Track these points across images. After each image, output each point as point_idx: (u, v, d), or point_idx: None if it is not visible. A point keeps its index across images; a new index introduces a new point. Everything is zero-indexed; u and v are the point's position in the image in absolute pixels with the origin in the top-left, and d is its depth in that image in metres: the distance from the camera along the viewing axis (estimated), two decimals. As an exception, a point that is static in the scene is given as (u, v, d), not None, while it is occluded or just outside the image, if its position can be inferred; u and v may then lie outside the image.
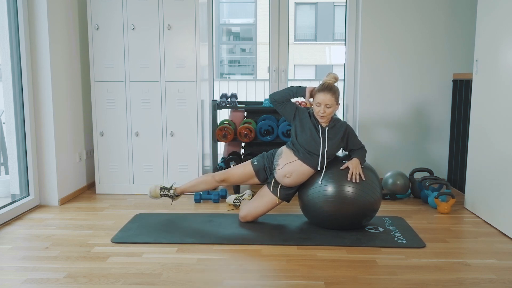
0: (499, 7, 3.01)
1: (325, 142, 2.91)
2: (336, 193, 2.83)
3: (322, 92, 2.86)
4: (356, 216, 2.88)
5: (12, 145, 3.38)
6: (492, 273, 2.33)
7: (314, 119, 2.96)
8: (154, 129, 3.83)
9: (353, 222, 2.91)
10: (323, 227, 2.98)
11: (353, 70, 4.47)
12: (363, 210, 2.87)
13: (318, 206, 2.88)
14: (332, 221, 2.90)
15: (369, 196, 2.85)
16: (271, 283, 2.21)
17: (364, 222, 2.97)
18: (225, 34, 20.27)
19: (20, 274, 2.31)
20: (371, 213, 2.94)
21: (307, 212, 3.02)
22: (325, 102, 2.85)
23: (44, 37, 3.37)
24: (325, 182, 2.87)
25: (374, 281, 2.23)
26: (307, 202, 2.95)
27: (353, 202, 2.82)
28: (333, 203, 2.84)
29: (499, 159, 2.99)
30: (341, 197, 2.82)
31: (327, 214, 2.87)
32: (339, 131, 2.96)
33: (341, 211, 2.85)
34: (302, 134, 2.94)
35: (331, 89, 2.87)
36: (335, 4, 17.68)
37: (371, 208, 2.90)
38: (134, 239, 2.78)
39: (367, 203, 2.85)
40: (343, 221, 2.89)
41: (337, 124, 2.98)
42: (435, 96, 4.29)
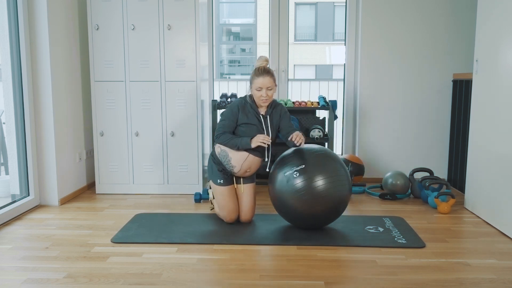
0: (499, 7, 3.01)
1: (269, 132, 2.97)
2: (306, 188, 2.71)
3: (261, 76, 2.88)
4: (329, 212, 2.80)
5: (12, 145, 3.38)
6: (492, 273, 2.33)
7: (254, 107, 2.96)
8: (154, 129, 3.83)
9: (327, 218, 2.85)
10: (298, 225, 2.93)
11: (353, 70, 4.47)
12: (335, 205, 2.78)
13: (289, 204, 2.79)
14: (304, 219, 2.83)
15: (339, 190, 2.76)
16: (271, 283, 2.21)
17: (335, 217, 2.89)
18: (225, 34, 20.27)
19: (20, 274, 2.31)
20: (343, 207, 2.87)
21: (280, 210, 2.94)
22: (266, 85, 2.87)
23: (44, 37, 3.37)
24: (294, 177, 2.75)
25: (374, 281, 2.23)
26: (278, 200, 2.87)
27: (324, 197, 2.72)
28: (304, 200, 2.73)
29: (499, 159, 2.99)
30: (312, 193, 2.71)
31: (299, 212, 2.79)
32: (277, 115, 3.03)
33: (312, 208, 2.75)
34: (248, 130, 2.94)
35: (269, 72, 2.90)
36: (335, 4, 17.68)
37: (343, 202, 2.82)
38: (134, 239, 2.78)
39: (338, 197, 2.76)
40: (315, 219, 2.82)
41: (275, 109, 3.03)
42: (435, 96, 4.29)
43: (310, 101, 4.23)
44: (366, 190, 3.94)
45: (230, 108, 2.97)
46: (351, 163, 4.10)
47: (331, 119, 4.08)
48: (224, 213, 3.05)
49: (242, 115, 2.95)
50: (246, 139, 2.88)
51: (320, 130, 4.09)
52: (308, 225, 2.90)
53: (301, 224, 2.91)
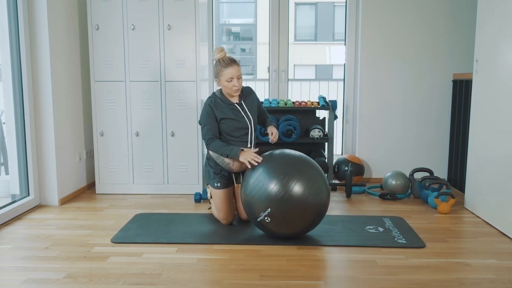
0: (499, 8, 3.01)
1: (249, 116, 2.98)
2: (282, 194, 2.54)
3: (229, 67, 2.87)
4: (310, 218, 2.64)
5: (12, 145, 3.38)
6: (492, 273, 2.33)
7: (225, 100, 2.96)
8: (154, 129, 3.83)
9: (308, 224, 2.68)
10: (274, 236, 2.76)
11: (353, 70, 4.47)
12: (316, 211, 2.63)
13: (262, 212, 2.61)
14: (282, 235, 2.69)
15: (318, 196, 2.61)
16: (271, 283, 2.21)
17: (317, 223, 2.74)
18: (225, 34, 20.27)
19: (20, 274, 2.31)
20: (324, 212, 2.72)
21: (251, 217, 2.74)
22: (236, 74, 2.88)
23: (44, 37, 3.36)
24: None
25: (374, 281, 2.23)
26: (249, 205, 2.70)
27: (302, 204, 2.55)
28: (280, 208, 2.55)
29: (499, 159, 2.99)
30: (289, 199, 2.54)
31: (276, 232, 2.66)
32: (251, 98, 3.06)
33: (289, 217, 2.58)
34: (228, 124, 2.93)
35: (235, 60, 2.92)
36: (335, 4, 17.68)
37: (323, 206, 2.67)
38: (134, 239, 2.78)
39: (316, 202, 2.61)
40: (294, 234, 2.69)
41: (247, 94, 3.05)
42: (435, 96, 4.29)
43: (310, 101, 4.23)
44: (366, 190, 3.94)
45: (204, 111, 2.95)
46: (351, 163, 4.10)
47: (331, 119, 4.08)
48: (221, 215, 3.05)
49: (217, 112, 2.94)
50: (235, 150, 2.82)
51: (320, 130, 4.09)
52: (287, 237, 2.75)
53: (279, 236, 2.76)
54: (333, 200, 3.71)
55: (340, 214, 3.32)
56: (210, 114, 2.93)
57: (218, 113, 2.93)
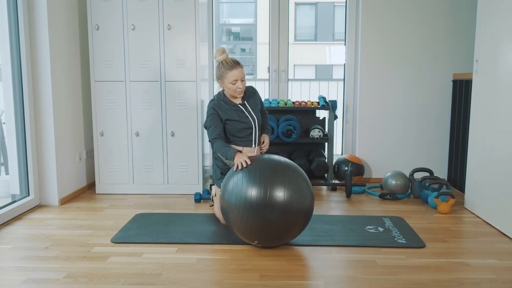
0: (499, 8, 3.01)
1: (253, 116, 2.97)
2: (262, 200, 2.43)
3: (234, 69, 2.86)
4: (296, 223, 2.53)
5: (12, 145, 3.38)
6: (492, 273, 2.33)
7: (228, 102, 2.96)
8: (154, 129, 3.83)
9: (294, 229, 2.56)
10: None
11: (353, 70, 4.47)
12: (301, 216, 2.52)
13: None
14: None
15: (302, 201, 2.50)
16: (271, 283, 2.21)
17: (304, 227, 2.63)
18: (225, 34, 20.26)
19: (20, 274, 2.31)
20: (309, 216, 2.60)
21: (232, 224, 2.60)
22: (241, 77, 2.88)
23: (44, 37, 3.37)
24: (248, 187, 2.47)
25: (374, 281, 2.23)
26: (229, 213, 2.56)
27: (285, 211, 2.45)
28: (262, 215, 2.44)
29: (499, 159, 2.99)
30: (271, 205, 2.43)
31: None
32: (255, 98, 3.05)
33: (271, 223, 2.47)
34: (233, 125, 2.94)
35: (239, 62, 2.90)
36: (335, 4, 17.68)
37: (307, 210, 2.55)
38: (134, 239, 2.78)
39: (302, 207, 2.50)
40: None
41: (250, 94, 3.03)
42: (435, 96, 4.29)
43: (310, 101, 4.23)
44: (366, 190, 3.94)
45: (208, 114, 2.96)
46: (351, 163, 4.11)
47: (331, 119, 4.08)
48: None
49: (221, 114, 2.94)
50: (231, 152, 2.76)
51: (320, 130, 4.09)
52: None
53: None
54: (333, 200, 3.71)
55: (340, 214, 3.32)
56: (215, 116, 2.93)
57: (223, 115, 2.94)
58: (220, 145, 2.88)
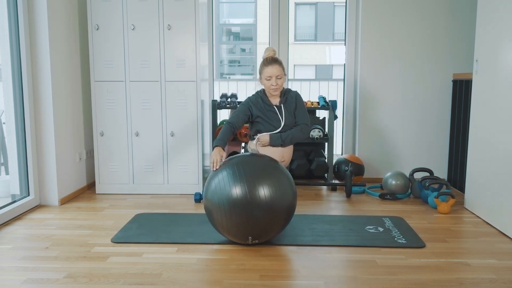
0: (499, 8, 3.01)
1: (284, 119, 2.97)
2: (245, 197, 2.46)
3: (270, 65, 2.90)
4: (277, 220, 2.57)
5: (12, 145, 3.38)
6: (492, 273, 2.33)
7: (266, 100, 2.96)
8: (154, 129, 3.83)
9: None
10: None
11: (353, 70, 4.47)
12: (283, 213, 2.56)
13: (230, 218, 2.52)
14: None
15: (283, 198, 2.54)
16: (271, 283, 2.21)
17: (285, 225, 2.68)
18: (225, 34, 20.27)
19: (20, 274, 2.31)
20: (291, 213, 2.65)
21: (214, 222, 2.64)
22: (275, 74, 2.89)
23: (44, 37, 3.37)
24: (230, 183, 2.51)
25: (374, 281, 2.23)
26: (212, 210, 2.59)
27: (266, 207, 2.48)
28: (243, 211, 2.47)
29: (499, 159, 2.99)
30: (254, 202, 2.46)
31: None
32: (292, 102, 3.01)
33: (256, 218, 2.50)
34: (262, 123, 2.96)
35: (277, 60, 2.92)
36: (335, 4, 17.69)
37: (289, 207, 2.60)
38: (134, 239, 2.78)
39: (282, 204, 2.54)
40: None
41: (288, 97, 3.01)
42: (435, 96, 4.29)
43: (310, 101, 4.23)
44: (366, 190, 3.94)
45: (244, 102, 3.02)
46: (351, 163, 4.11)
47: (331, 119, 4.08)
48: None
49: (255, 110, 2.97)
50: (215, 143, 2.81)
51: (320, 130, 4.09)
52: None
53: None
54: (333, 200, 3.71)
55: (340, 214, 3.33)
56: (245, 107, 2.98)
57: (255, 111, 2.97)
58: (222, 130, 2.93)
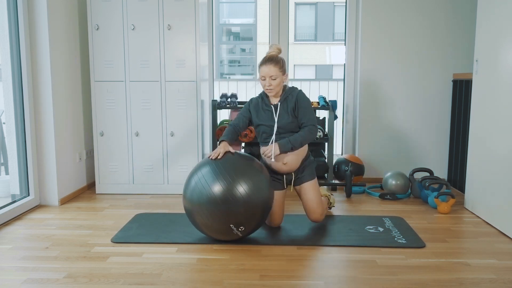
0: (499, 7, 3.01)
1: (276, 119, 2.84)
2: (224, 193, 2.53)
3: (264, 65, 2.79)
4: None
5: (12, 145, 3.38)
6: (492, 273, 2.33)
7: (266, 101, 2.90)
8: (154, 129, 3.83)
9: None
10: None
11: (353, 70, 4.47)
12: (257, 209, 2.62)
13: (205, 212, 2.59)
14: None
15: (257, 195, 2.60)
16: (271, 283, 2.21)
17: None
18: (225, 34, 20.28)
19: (20, 274, 2.31)
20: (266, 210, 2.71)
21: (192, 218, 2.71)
22: (269, 74, 2.77)
23: (44, 37, 3.37)
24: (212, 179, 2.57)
25: (374, 281, 2.23)
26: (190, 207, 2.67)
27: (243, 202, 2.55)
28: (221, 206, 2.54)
29: (499, 159, 2.99)
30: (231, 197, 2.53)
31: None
32: (291, 101, 2.84)
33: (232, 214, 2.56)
34: (262, 127, 2.90)
35: (273, 60, 2.78)
36: (335, 4, 17.70)
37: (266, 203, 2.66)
38: (134, 239, 2.78)
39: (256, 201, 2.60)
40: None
41: (289, 96, 2.86)
42: (435, 96, 4.29)
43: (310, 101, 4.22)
44: (366, 190, 3.94)
45: (246, 104, 2.99)
46: (351, 163, 4.10)
47: (331, 119, 4.08)
48: (270, 218, 2.98)
49: (253, 112, 2.93)
50: (221, 137, 2.85)
51: (320, 130, 4.08)
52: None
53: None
54: (333, 200, 3.71)
55: (340, 214, 3.32)
56: (245, 108, 2.96)
57: (254, 112, 2.93)
58: (225, 129, 2.94)
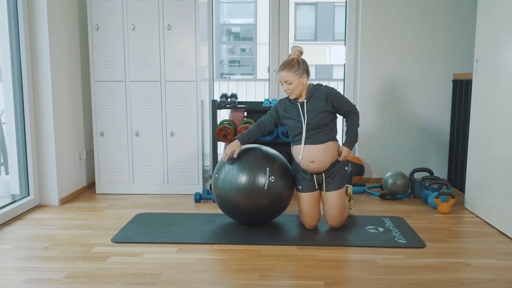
0: (499, 7, 3.01)
1: (305, 116, 2.87)
2: (248, 184, 2.81)
3: (279, 71, 2.88)
4: (269, 209, 2.91)
5: (12, 145, 3.38)
6: (492, 273, 2.33)
7: (294, 100, 2.95)
8: (154, 129, 3.83)
9: (266, 215, 2.96)
10: (239, 221, 3.04)
11: (353, 70, 4.47)
12: (276, 201, 2.89)
13: (231, 199, 2.87)
14: (245, 214, 2.92)
15: (280, 188, 2.87)
16: (271, 283, 2.21)
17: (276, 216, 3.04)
18: (225, 34, 20.28)
19: (20, 274, 2.31)
20: (283, 205, 2.97)
21: (222, 206, 3.00)
22: (284, 79, 2.85)
23: (44, 37, 3.37)
24: (236, 171, 2.85)
25: (374, 281, 2.23)
26: (220, 195, 2.93)
27: (265, 194, 2.82)
28: (245, 195, 2.82)
29: (499, 159, 2.99)
30: (253, 189, 2.81)
31: (240, 207, 2.87)
32: (320, 98, 2.86)
33: (254, 203, 2.84)
34: (288, 122, 2.95)
35: (286, 65, 2.84)
36: (335, 4, 17.69)
37: (282, 199, 2.92)
38: (134, 239, 2.78)
39: (278, 194, 2.87)
40: (256, 215, 2.92)
41: (316, 92, 2.89)
42: (435, 96, 4.29)
43: (310, 101, 4.23)
44: (366, 190, 3.94)
45: (275, 104, 3.07)
46: (351, 163, 4.10)
47: (331, 119, 4.07)
48: (304, 219, 2.97)
49: (281, 110, 2.99)
50: (237, 136, 2.99)
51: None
52: (252, 220, 2.98)
53: (245, 219, 2.99)
54: (333, 200, 3.71)
55: (340, 214, 3.32)
56: (273, 108, 3.05)
57: (281, 111, 2.98)
58: (250, 127, 3.04)
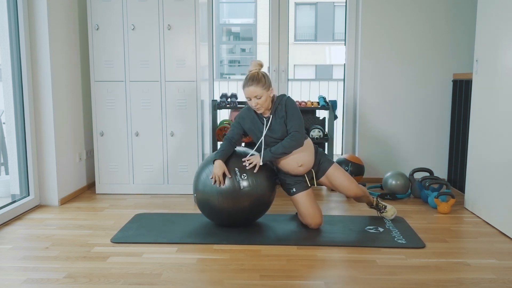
0: (498, 7, 3.01)
1: (263, 132, 2.87)
2: (226, 192, 2.82)
3: (246, 87, 2.79)
4: (251, 210, 2.90)
5: (12, 145, 3.38)
6: (492, 273, 2.33)
7: (260, 113, 2.90)
8: (154, 129, 3.83)
9: (248, 217, 2.95)
10: (220, 224, 3.02)
11: (353, 70, 4.47)
12: (257, 204, 2.88)
13: (212, 201, 2.87)
14: (227, 216, 2.91)
15: (259, 190, 2.86)
16: (271, 283, 2.21)
17: (257, 217, 3.03)
18: (225, 34, 20.29)
19: (20, 274, 2.31)
20: (264, 207, 2.97)
21: (203, 209, 2.98)
22: (253, 95, 2.77)
23: (44, 37, 3.37)
24: (210, 186, 2.85)
25: (374, 281, 2.23)
26: (202, 198, 2.93)
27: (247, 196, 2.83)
28: (227, 198, 2.82)
29: (499, 159, 2.99)
30: (235, 191, 2.82)
31: (222, 209, 2.87)
32: (282, 110, 2.84)
33: (235, 206, 2.84)
34: (252, 135, 2.94)
35: (253, 80, 2.76)
36: (335, 4, 17.69)
37: (263, 202, 2.92)
38: (134, 239, 2.78)
39: (259, 196, 2.86)
40: (238, 216, 2.91)
41: (278, 106, 2.85)
42: (435, 96, 4.29)
43: (310, 101, 4.23)
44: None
45: (236, 117, 2.98)
46: (351, 163, 4.10)
47: (331, 119, 4.08)
48: (308, 221, 2.94)
49: (248, 123, 2.93)
50: (215, 156, 2.86)
51: (320, 130, 4.09)
52: (235, 221, 2.96)
53: (228, 221, 2.97)
54: (333, 200, 3.71)
55: (340, 214, 3.33)
56: (237, 122, 2.96)
57: (247, 124, 2.93)
58: (221, 145, 2.93)
